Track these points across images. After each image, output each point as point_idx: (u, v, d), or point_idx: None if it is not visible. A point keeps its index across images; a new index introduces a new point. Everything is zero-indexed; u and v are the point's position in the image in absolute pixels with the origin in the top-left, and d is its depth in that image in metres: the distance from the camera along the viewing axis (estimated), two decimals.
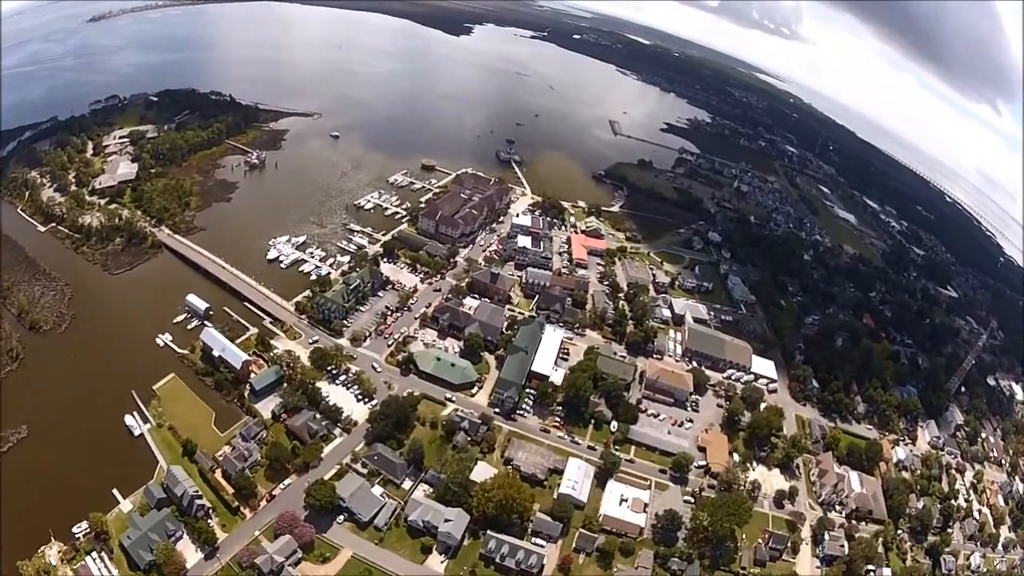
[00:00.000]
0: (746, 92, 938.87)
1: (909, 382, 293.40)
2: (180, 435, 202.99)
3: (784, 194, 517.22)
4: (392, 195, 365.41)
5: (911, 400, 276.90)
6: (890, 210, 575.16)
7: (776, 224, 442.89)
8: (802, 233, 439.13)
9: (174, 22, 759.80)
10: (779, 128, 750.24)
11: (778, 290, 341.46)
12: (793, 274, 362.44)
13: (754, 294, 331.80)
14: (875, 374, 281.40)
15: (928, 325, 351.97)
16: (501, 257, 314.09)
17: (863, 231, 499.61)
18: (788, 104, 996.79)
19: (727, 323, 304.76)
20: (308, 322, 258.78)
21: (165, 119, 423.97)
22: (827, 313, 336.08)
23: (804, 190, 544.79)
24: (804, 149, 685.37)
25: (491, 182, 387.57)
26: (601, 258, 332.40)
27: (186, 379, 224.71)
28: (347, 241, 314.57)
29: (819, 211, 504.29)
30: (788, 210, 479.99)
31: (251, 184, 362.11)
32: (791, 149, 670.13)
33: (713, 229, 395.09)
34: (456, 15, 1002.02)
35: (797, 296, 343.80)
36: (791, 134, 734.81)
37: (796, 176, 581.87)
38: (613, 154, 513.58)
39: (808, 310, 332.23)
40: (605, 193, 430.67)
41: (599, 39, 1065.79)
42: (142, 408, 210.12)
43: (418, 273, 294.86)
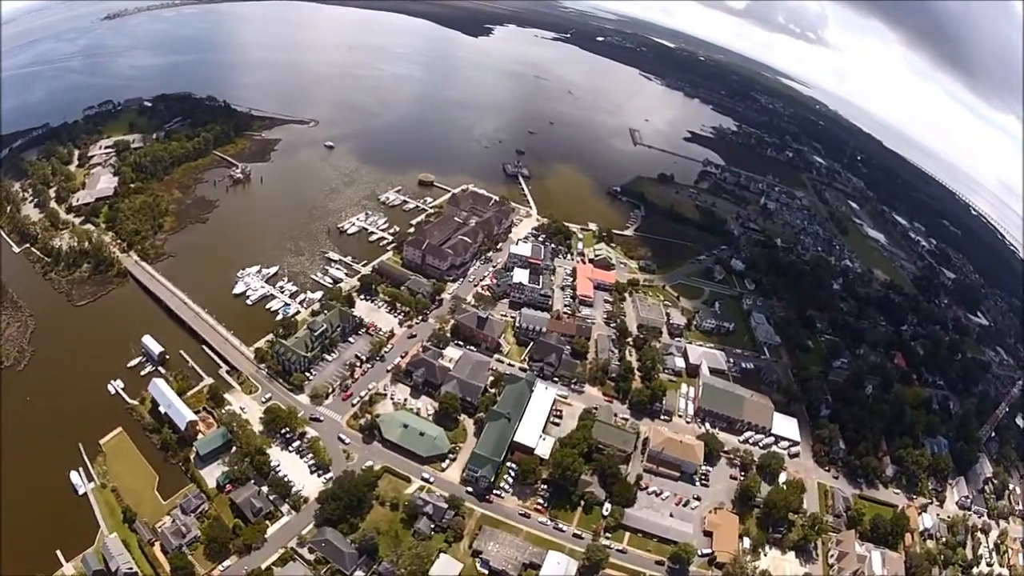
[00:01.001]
0: (772, 98, 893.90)
1: (940, 431, 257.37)
2: (123, 499, 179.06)
3: (812, 212, 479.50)
4: (380, 217, 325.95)
5: (942, 458, 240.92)
6: (919, 227, 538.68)
7: (804, 248, 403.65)
8: (831, 257, 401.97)
9: (187, 21, 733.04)
10: (806, 137, 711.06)
11: (805, 329, 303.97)
12: (822, 307, 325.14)
13: (779, 333, 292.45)
14: (906, 430, 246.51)
15: (960, 362, 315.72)
16: (494, 294, 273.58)
17: (893, 252, 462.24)
18: (814, 111, 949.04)
19: (747, 372, 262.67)
20: (267, 373, 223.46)
21: (155, 127, 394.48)
22: (857, 354, 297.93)
23: (833, 206, 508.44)
24: (832, 160, 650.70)
25: (491, 202, 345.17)
26: (610, 293, 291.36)
27: (133, 435, 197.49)
28: (323, 273, 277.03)
29: (848, 230, 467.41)
30: (817, 230, 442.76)
31: (231, 202, 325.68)
32: (819, 160, 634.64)
33: (736, 255, 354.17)
34: (478, 15, 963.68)
35: (826, 334, 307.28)
36: (818, 143, 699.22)
37: (825, 190, 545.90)
38: (632, 167, 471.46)
39: (837, 352, 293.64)
40: (620, 213, 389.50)
41: (623, 41, 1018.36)
42: (88, 464, 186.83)
43: (397, 313, 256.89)
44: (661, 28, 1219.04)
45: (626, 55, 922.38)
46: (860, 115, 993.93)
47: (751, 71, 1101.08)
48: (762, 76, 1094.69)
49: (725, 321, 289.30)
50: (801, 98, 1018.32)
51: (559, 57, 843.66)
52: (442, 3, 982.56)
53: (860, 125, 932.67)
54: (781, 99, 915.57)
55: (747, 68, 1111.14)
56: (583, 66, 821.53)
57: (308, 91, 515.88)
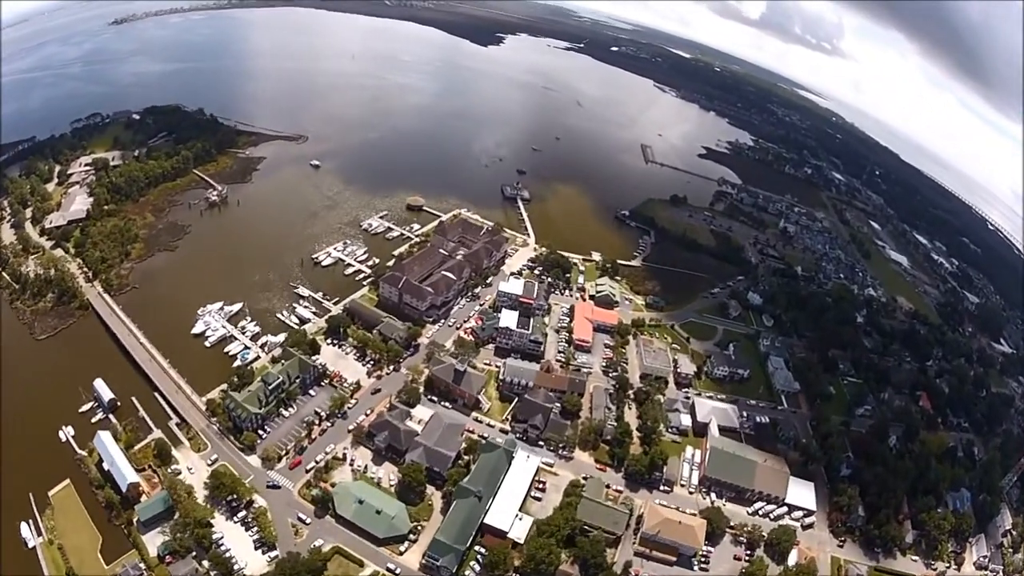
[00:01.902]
0: (789, 111, 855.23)
1: (963, 482, 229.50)
2: (68, 558, 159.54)
3: (833, 234, 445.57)
4: (359, 247, 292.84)
5: (965, 517, 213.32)
6: (940, 246, 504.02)
7: (826, 276, 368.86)
8: (854, 285, 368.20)
9: (193, 27, 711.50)
10: (824, 152, 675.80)
11: (827, 372, 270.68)
12: (844, 344, 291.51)
13: (799, 378, 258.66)
14: (930, 487, 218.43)
15: (984, 399, 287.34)
16: (477, 339, 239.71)
17: (916, 276, 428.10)
18: (831, 124, 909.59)
19: (762, 428, 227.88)
20: (218, 428, 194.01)
21: (139, 142, 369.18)
22: (881, 399, 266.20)
23: (854, 227, 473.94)
24: (851, 176, 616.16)
25: (482, 231, 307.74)
26: (611, 336, 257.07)
27: (80, 489, 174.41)
28: (289, 312, 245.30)
29: (871, 253, 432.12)
30: (838, 255, 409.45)
31: (204, 227, 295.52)
32: (838, 177, 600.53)
33: (754, 288, 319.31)
34: (489, 24, 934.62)
35: (848, 376, 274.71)
36: (837, 158, 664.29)
37: (845, 210, 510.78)
38: (642, 187, 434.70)
39: (860, 398, 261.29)
40: (627, 239, 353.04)
41: (638, 52, 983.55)
42: (37, 517, 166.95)
43: (367, 361, 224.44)
44: (676, 38, 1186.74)
45: (640, 65, 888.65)
46: (876, 127, 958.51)
47: (767, 82, 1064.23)
48: (778, 88, 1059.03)
49: (740, 367, 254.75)
50: (818, 110, 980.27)
51: (570, 67, 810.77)
52: (454, 11, 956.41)
53: (876, 138, 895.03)
54: (798, 111, 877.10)
55: (763, 80, 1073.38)
56: (595, 77, 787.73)
57: (303, 102, 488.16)
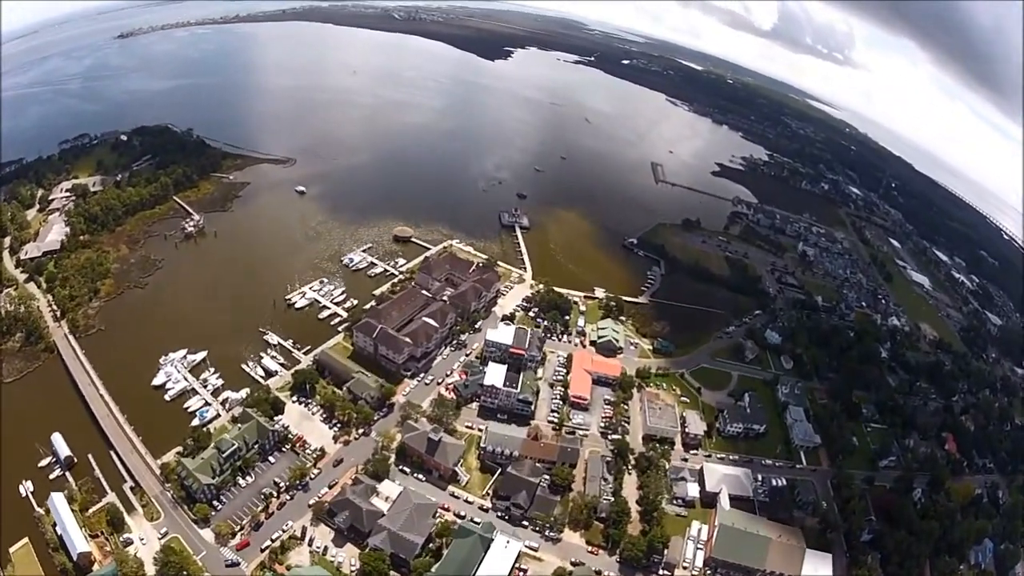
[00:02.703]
0: (803, 123, 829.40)
1: (986, 531, 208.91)
2: None
3: (854, 256, 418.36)
4: (337, 286, 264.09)
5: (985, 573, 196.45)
6: (959, 262, 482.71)
7: (848, 305, 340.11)
8: (877, 314, 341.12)
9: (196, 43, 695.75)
10: (840, 165, 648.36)
11: (850, 419, 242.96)
12: (868, 385, 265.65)
13: (819, 429, 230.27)
14: (953, 546, 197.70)
15: (1009, 434, 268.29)
16: (459, 396, 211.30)
17: (938, 299, 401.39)
18: (845, 135, 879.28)
19: (778, 493, 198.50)
20: (172, 496, 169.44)
21: (123, 166, 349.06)
22: (906, 446, 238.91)
23: (874, 247, 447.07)
24: (868, 189, 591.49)
25: (471, 267, 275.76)
26: (612, 389, 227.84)
27: (38, 549, 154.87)
28: (255, 363, 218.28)
29: (892, 275, 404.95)
30: (860, 279, 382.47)
31: (177, 261, 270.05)
32: (855, 191, 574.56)
33: (772, 324, 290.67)
34: (499, 38, 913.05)
35: (872, 422, 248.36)
36: (852, 171, 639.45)
37: (864, 227, 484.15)
38: (652, 209, 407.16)
39: (884, 448, 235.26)
40: (635, 271, 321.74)
41: (649, 65, 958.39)
42: None
43: (334, 423, 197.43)
44: (688, 50, 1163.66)
45: (652, 79, 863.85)
46: (889, 137, 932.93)
47: (779, 94, 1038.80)
48: (791, 99, 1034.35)
49: (755, 422, 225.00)
50: (831, 121, 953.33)
51: (580, 81, 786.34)
52: (464, 25, 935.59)
53: (890, 148, 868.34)
54: (811, 123, 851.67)
55: (775, 91, 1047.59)
56: (605, 91, 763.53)
57: (296, 122, 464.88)
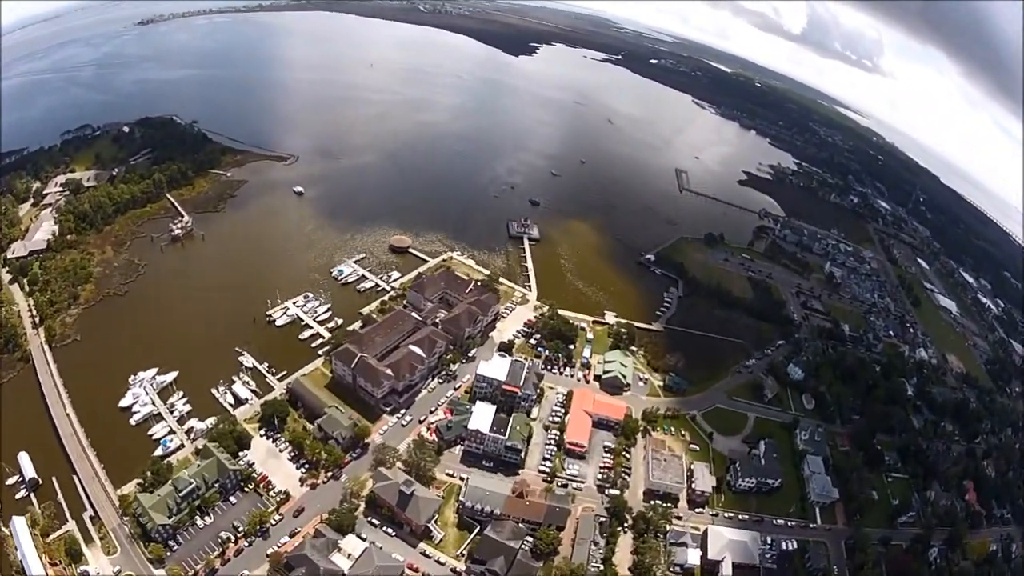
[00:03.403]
0: (831, 130, 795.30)
1: None
2: None
3: (882, 278, 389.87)
4: (322, 302, 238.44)
5: None
6: (985, 284, 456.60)
7: (875, 336, 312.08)
8: (904, 345, 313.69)
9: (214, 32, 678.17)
10: (869, 177, 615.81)
11: (871, 468, 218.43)
12: (892, 428, 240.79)
13: (838, 481, 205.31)
14: None
15: None
16: (442, 439, 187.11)
17: (964, 326, 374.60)
18: (872, 144, 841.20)
19: (786, 558, 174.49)
20: (129, 531, 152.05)
21: (121, 159, 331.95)
22: (926, 498, 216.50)
23: (902, 268, 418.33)
24: (896, 203, 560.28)
25: (469, 287, 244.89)
26: (615, 433, 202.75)
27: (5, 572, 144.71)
28: (225, 389, 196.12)
29: (920, 300, 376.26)
30: (887, 304, 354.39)
31: (160, 267, 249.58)
32: (884, 206, 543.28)
33: (795, 357, 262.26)
34: (525, 33, 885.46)
35: (894, 471, 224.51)
36: (881, 183, 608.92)
37: (892, 245, 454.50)
38: (674, 220, 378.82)
39: (904, 502, 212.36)
40: (649, 293, 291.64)
41: (678, 65, 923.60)
42: None
43: (302, 463, 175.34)
44: (717, 52, 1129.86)
45: (679, 80, 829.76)
46: (915, 147, 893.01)
47: (808, 99, 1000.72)
48: (818, 105, 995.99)
49: (770, 476, 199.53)
50: (859, 129, 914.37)
51: (605, 80, 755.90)
52: (490, 19, 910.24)
53: (916, 158, 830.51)
54: (839, 131, 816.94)
55: (804, 96, 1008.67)
56: (631, 91, 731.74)
57: (304, 117, 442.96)
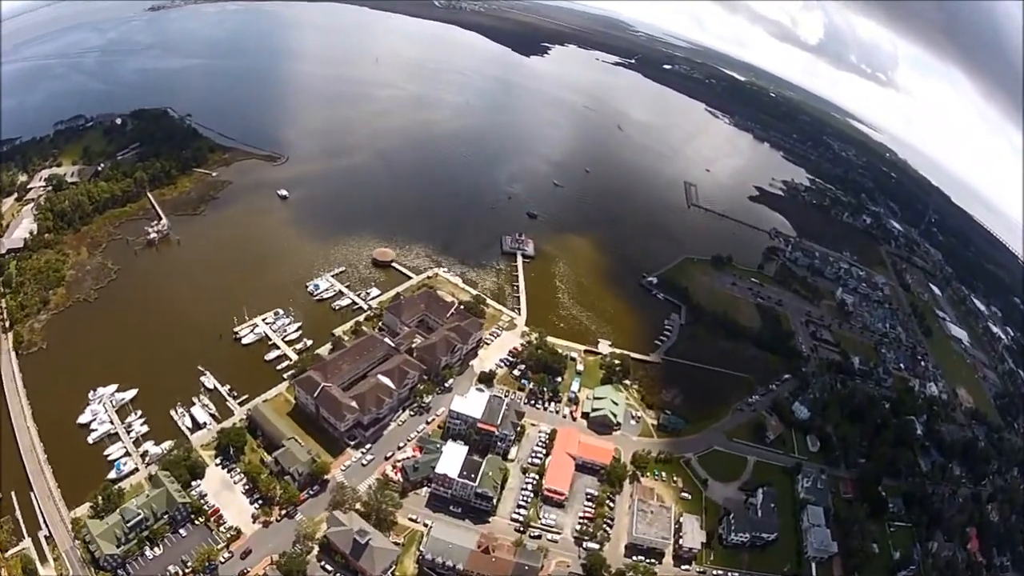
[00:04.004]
0: (844, 144, 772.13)
1: None
2: None
3: (894, 305, 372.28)
4: (294, 319, 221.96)
5: None
6: (995, 311, 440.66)
7: (885, 370, 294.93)
8: (915, 379, 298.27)
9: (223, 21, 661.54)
10: (882, 195, 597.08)
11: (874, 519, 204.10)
12: (899, 471, 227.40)
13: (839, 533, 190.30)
14: None
15: None
16: (407, 480, 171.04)
17: (975, 357, 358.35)
18: (885, 160, 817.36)
19: None
20: (80, 556, 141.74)
21: (108, 154, 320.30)
22: (928, 550, 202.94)
23: (915, 294, 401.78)
24: (909, 224, 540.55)
25: (451, 310, 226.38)
26: (599, 477, 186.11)
27: None
28: (185, 409, 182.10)
29: (932, 330, 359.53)
30: (899, 334, 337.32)
31: (132, 274, 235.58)
32: (897, 227, 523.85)
33: (802, 395, 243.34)
34: (538, 33, 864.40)
35: (897, 520, 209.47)
36: (894, 202, 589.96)
37: (905, 270, 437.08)
38: (680, 238, 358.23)
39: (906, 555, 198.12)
40: (650, 318, 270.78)
41: (691, 71, 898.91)
42: None
43: (256, 499, 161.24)
44: (732, 59, 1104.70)
45: (693, 87, 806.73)
46: (927, 164, 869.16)
47: (821, 111, 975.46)
48: (832, 118, 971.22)
49: (766, 529, 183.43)
50: (872, 144, 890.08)
51: (617, 84, 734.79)
52: (504, 17, 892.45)
53: (928, 176, 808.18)
54: (853, 145, 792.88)
55: (818, 108, 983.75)
56: (643, 97, 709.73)
57: (300, 113, 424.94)
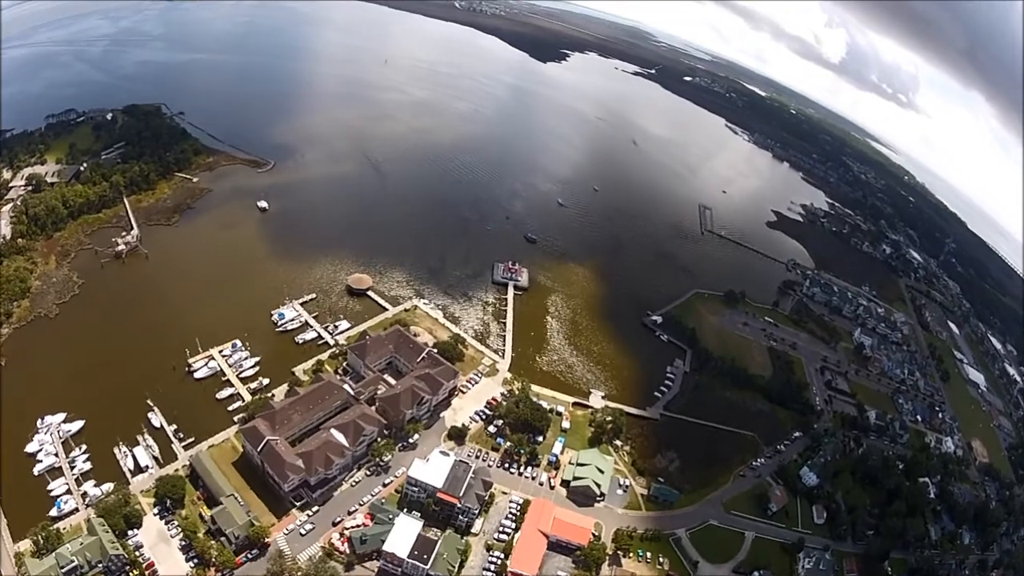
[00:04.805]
0: (864, 166, 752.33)
1: None
2: None
3: (913, 348, 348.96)
4: (252, 353, 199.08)
5: None
6: (1011, 350, 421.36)
7: (902, 424, 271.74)
8: (932, 434, 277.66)
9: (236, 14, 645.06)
10: (901, 222, 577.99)
11: None
12: (908, 543, 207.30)
13: None
14: None
15: None
16: (353, 553, 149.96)
17: (991, 404, 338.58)
18: (904, 184, 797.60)
19: None
20: None
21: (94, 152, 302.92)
22: None
23: (933, 333, 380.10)
24: (927, 253, 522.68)
25: (421, 355, 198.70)
26: (574, 562, 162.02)
27: None
28: (128, 449, 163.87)
29: (950, 374, 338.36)
30: (917, 382, 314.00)
31: (96, 289, 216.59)
32: (916, 257, 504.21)
33: (811, 458, 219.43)
34: (558, 39, 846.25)
35: None
36: (912, 229, 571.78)
37: (924, 306, 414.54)
38: (691, 268, 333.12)
39: None
40: (651, 363, 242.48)
41: (712, 84, 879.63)
42: None
43: (192, 557, 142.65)
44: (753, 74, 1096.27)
45: (713, 100, 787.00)
46: (944, 188, 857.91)
47: (841, 130, 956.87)
48: (852, 137, 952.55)
49: None
50: (891, 166, 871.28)
51: (635, 95, 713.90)
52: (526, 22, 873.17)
53: (945, 200, 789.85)
54: (872, 167, 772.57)
55: (837, 127, 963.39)
56: (661, 109, 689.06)
57: (296, 115, 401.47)
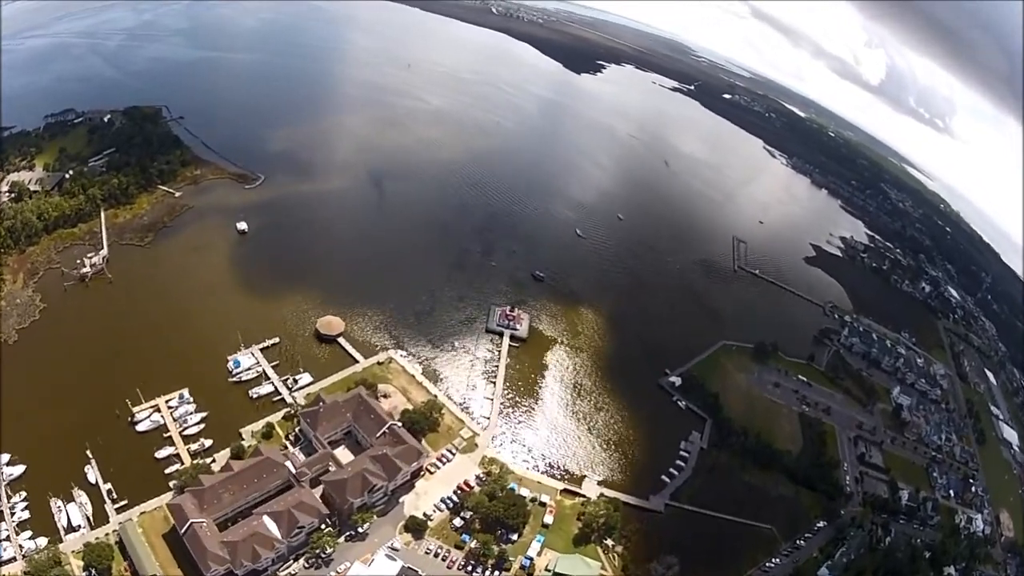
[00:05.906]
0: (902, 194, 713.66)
1: None
2: None
3: (951, 407, 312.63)
4: (199, 407, 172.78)
5: None
6: None
7: (934, 506, 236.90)
8: (964, 511, 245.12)
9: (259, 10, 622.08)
10: (940, 256, 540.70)
11: None
12: None
13: None
14: None
15: None
16: None
17: (1022, 466, 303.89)
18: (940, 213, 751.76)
19: None
20: None
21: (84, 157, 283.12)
22: None
23: (971, 385, 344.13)
24: (964, 291, 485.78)
25: (383, 429, 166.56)
26: None
27: None
28: (63, 503, 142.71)
29: (985, 435, 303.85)
30: (953, 448, 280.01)
31: (56, 315, 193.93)
32: (954, 294, 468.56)
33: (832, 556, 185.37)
34: (595, 49, 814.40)
35: None
36: (950, 263, 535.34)
37: (962, 352, 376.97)
38: (719, 313, 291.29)
39: None
40: (663, 437, 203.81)
41: (751, 103, 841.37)
42: None
43: None
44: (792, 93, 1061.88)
45: (752, 120, 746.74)
46: (979, 218, 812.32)
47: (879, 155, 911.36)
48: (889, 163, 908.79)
49: None
50: (927, 193, 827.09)
51: (671, 112, 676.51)
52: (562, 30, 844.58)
53: (980, 231, 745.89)
54: (909, 194, 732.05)
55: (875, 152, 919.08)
56: (698, 128, 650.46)
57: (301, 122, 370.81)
